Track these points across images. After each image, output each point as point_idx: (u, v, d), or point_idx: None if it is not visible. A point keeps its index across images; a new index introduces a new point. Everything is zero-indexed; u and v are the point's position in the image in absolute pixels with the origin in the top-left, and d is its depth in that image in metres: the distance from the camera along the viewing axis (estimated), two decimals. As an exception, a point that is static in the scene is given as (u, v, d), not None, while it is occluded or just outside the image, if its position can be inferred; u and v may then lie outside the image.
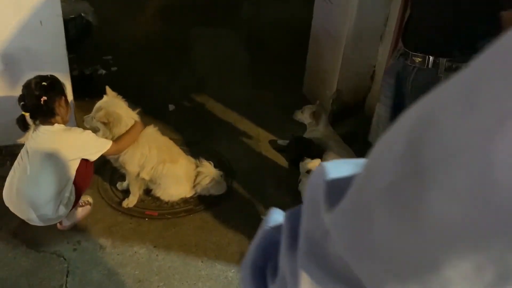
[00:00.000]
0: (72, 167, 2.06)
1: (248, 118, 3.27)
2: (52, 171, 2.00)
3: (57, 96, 2.03)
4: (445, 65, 1.65)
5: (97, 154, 2.09)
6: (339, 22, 2.96)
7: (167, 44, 4.33)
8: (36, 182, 2.02)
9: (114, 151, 2.15)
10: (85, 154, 2.07)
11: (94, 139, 2.08)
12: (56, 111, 2.03)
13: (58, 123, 2.04)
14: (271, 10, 5.31)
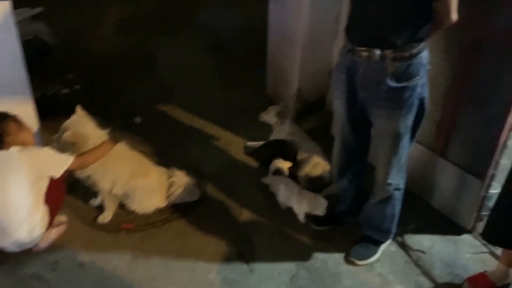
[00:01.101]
0: (40, 186, 2.07)
1: (215, 122, 3.33)
2: (19, 193, 2.01)
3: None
4: (391, 56, 1.77)
5: (60, 170, 2.08)
6: (294, 23, 3.07)
7: (128, 56, 4.33)
8: (5, 206, 2.01)
9: (77, 166, 2.16)
10: (48, 171, 2.07)
11: (54, 155, 2.09)
12: (4, 139, 2.03)
13: (15, 145, 2.04)
14: (228, 15, 5.39)
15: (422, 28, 1.76)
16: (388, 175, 2.03)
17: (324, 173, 2.63)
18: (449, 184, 2.40)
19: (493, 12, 1.99)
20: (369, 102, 1.92)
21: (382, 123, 1.94)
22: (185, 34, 4.86)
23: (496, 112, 2.08)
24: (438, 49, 2.22)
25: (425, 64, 1.83)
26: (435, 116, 2.33)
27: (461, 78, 2.20)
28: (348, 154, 2.18)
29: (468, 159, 2.30)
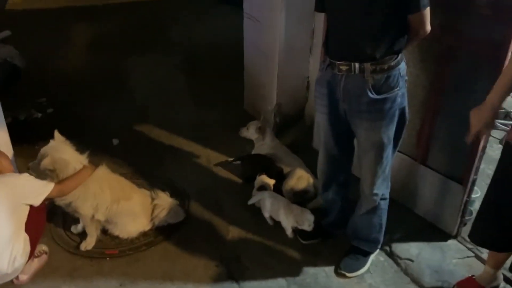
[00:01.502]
0: (19, 214, 1.98)
1: (195, 140, 3.30)
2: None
3: None
4: (370, 69, 1.80)
5: (39, 198, 2.00)
6: (269, 39, 3.10)
7: (101, 77, 4.27)
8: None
9: (58, 193, 2.09)
10: (27, 198, 1.99)
11: (33, 182, 2.01)
12: None
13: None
14: (201, 32, 5.41)
15: (398, 40, 1.80)
16: (373, 185, 2.05)
17: (309, 186, 2.63)
18: (431, 191, 2.44)
19: (465, 22, 2.07)
20: (352, 114, 1.94)
21: (365, 134, 1.96)
22: (159, 52, 4.84)
23: (472, 118, 2.14)
24: (414, 60, 2.28)
25: (403, 75, 1.87)
26: (415, 125, 2.38)
27: (438, 87, 2.25)
28: (333, 166, 2.19)
29: (448, 166, 2.34)
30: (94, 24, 5.64)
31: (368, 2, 1.71)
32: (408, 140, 2.41)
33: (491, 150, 3.08)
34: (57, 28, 5.49)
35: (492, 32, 1.97)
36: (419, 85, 2.31)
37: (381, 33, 1.77)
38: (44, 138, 2.30)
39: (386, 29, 1.77)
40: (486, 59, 2.03)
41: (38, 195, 2.00)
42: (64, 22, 5.70)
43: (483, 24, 2.00)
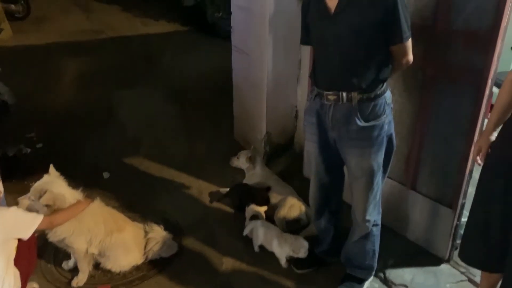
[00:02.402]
0: (8, 249, 1.95)
1: (186, 171, 3.31)
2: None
3: None
4: (357, 98, 1.86)
5: (29, 231, 1.96)
6: (257, 71, 3.17)
7: (91, 111, 4.29)
8: None
9: (47, 226, 2.06)
10: (16, 232, 1.96)
11: (22, 215, 1.98)
12: None
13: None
14: (190, 64, 5.49)
15: (383, 70, 1.87)
16: (365, 212, 2.07)
17: (301, 215, 2.64)
18: (422, 216, 2.48)
19: (446, 51, 2.15)
20: (341, 142, 1.98)
21: (355, 161, 2.00)
22: (149, 84, 4.90)
23: (458, 143, 2.20)
24: (399, 88, 2.36)
25: (389, 103, 1.94)
26: (403, 151, 2.43)
27: (423, 114, 2.32)
28: (325, 194, 2.21)
29: (438, 190, 2.39)
30: (83, 59, 5.70)
31: (353, 36, 1.78)
32: (397, 166, 2.46)
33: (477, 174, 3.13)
34: (46, 64, 5.53)
35: (472, 61, 2.06)
36: (405, 112, 2.38)
37: (367, 64, 1.83)
38: (33, 174, 2.29)
39: (371, 60, 1.83)
40: (467, 87, 2.11)
41: (27, 228, 1.97)
42: (54, 58, 5.75)
43: (463, 53, 2.09)
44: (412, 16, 2.10)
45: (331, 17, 1.81)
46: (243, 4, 3.21)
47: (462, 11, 2.04)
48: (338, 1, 1.77)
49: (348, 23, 1.77)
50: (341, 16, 1.78)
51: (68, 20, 7.63)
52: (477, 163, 1.91)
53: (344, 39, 1.80)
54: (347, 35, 1.79)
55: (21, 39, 6.42)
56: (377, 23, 1.74)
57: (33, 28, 7.04)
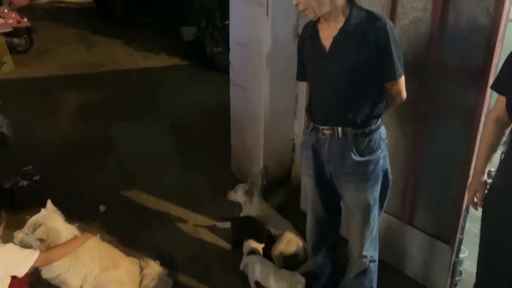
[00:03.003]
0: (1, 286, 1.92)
1: (183, 204, 3.29)
2: None
3: None
4: (352, 133, 1.88)
5: (24, 268, 1.94)
6: (255, 104, 3.21)
7: (89, 144, 4.31)
8: None
9: (43, 262, 2.03)
10: (10, 270, 1.93)
11: (18, 252, 1.96)
12: None
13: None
14: (188, 97, 5.57)
15: (377, 106, 1.90)
16: (362, 247, 2.05)
17: (298, 250, 2.61)
18: (420, 251, 2.45)
19: (439, 87, 2.19)
20: (337, 176, 1.99)
21: (351, 196, 2.00)
22: (147, 117, 4.94)
23: (454, 178, 2.21)
24: (394, 123, 2.39)
25: (384, 138, 1.96)
26: (399, 186, 2.43)
27: (418, 149, 2.34)
28: (322, 229, 2.20)
29: (435, 226, 2.37)
30: (83, 91, 5.78)
31: (347, 73, 1.82)
32: (393, 201, 2.45)
33: (475, 208, 3.13)
34: (46, 96, 5.60)
35: (465, 97, 2.09)
36: (400, 147, 2.40)
37: (361, 100, 1.86)
38: (29, 207, 2.28)
39: (365, 96, 1.86)
40: (461, 122, 2.13)
41: (23, 265, 1.95)
42: (54, 90, 5.83)
43: (456, 89, 2.13)
44: (405, 54, 2.16)
45: (325, 55, 1.85)
46: (241, 41, 3.28)
47: (454, 48, 2.10)
48: (332, 40, 1.82)
49: (341, 61, 1.82)
50: (335, 54, 1.82)
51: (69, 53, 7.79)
52: (475, 207, 1.87)
53: (338, 76, 1.84)
54: (341, 72, 1.83)
55: (23, 72, 6.53)
56: (370, 61, 1.78)
57: (34, 61, 7.18)
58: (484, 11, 1.94)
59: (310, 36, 1.92)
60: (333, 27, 1.82)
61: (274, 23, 2.92)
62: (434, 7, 2.11)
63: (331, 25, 1.83)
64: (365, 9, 1.83)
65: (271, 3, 2.86)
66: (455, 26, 2.07)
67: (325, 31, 1.86)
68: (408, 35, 2.24)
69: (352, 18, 1.78)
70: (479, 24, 1.98)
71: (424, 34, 2.19)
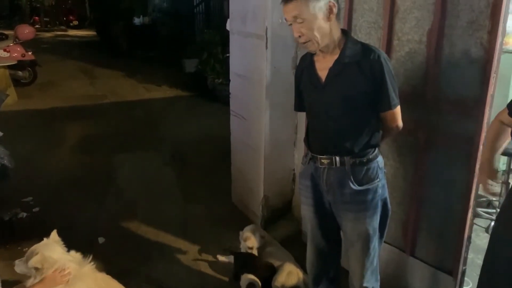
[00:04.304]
0: None
1: (183, 236, 3.26)
2: None
3: None
4: (350, 162, 1.88)
5: None
6: (255, 135, 3.23)
7: (90, 175, 4.31)
8: None
9: None
10: None
11: None
12: None
13: None
14: (189, 128, 5.61)
15: (374, 135, 1.91)
16: (363, 278, 2.02)
17: (299, 282, 2.57)
18: (422, 283, 2.41)
19: (437, 117, 2.21)
20: (336, 206, 1.98)
21: (351, 225, 1.98)
22: (146, 149, 4.97)
23: (455, 208, 2.19)
24: (393, 153, 2.40)
25: (381, 167, 1.96)
26: (400, 216, 2.42)
27: (417, 178, 2.34)
28: (322, 260, 2.17)
29: (437, 257, 2.34)
30: (85, 123, 5.84)
31: (343, 104, 1.84)
32: (395, 232, 2.43)
33: (478, 239, 3.10)
34: (49, 128, 5.65)
35: (462, 127, 2.11)
36: (399, 177, 2.40)
37: (357, 130, 1.88)
38: (28, 238, 2.27)
39: (362, 126, 1.88)
40: (460, 152, 2.14)
41: None
42: (56, 122, 5.90)
43: (453, 119, 2.14)
44: (402, 85, 2.20)
45: (321, 86, 1.88)
46: (241, 72, 3.34)
47: (450, 79, 2.13)
48: (328, 72, 1.85)
49: (337, 92, 1.84)
50: (331, 85, 1.85)
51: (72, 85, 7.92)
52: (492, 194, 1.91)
53: (334, 107, 1.86)
54: (337, 103, 1.85)
55: (26, 104, 6.62)
56: (366, 91, 1.81)
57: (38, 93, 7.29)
58: (478, 43, 1.99)
59: (306, 68, 1.96)
60: (329, 59, 1.86)
61: (274, 55, 2.98)
62: (429, 39, 2.16)
63: (327, 57, 1.87)
64: (360, 42, 1.88)
65: (270, 36, 2.93)
66: (450, 58, 2.11)
67: (321, 63, 1.89)
68: (405, 67, 2.28)
69: (347, 50, 1.82)
70: (474, 56, 2.02)
71: (420, 66, 2.23)
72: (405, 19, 2.25)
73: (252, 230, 2.93)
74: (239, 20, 3.27)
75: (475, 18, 1.99)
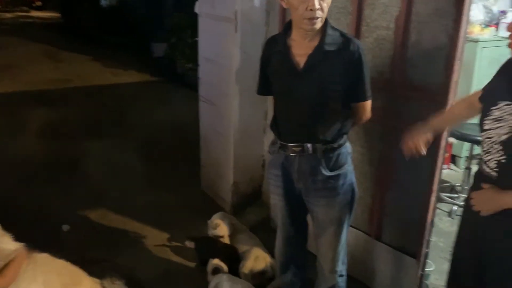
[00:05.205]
0: None
1: (151, 224, 3.22)
2: None
3: None
4: (322, 149, 1.88)
5: None
6: (225, 121, 3.20)
7: (55, 162, 4.18)
8: None
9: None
10: None
11: None
12: None
13: None
14: (159, 115, 5.51)
15: (346, 123, 1.92)
16: (334, 262, 2.05)
17: (267, 267, 2.59)
18: (387, 266, 2.47)
19: (403, 105, 2.24)
20: (308, 193, 1.98)
21: (322, 212, 1.99)
22: (116, 135, 4.85)
23: (419, 192, 2.24)
24: (359, 139, 2.42)
25: (350, 152, 1.98)
26: (366, 201, 2.45)
27: (384, 164, 2.37)
28: (291, 247, 2.18)
29: (401, 240, 2.40)
30: (50, 109, 5.64)
31: (320, 92, 1.82)
32: (361, 216, 2.47)
33: (440, 223, 3.20)
34: (11, 113, 5.43)
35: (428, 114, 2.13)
36: (366, 162, 2.43)
37: (331, 119, 1.87)
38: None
39: (336, 115, 1.88)
40: (424, 138, 2.18)
41: None
42: (20, 107, 5.67)
43: (419, 106, 2.18)
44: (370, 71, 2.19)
45: (298, 73, 1.83)
46: (210, 57, 3.29)
47: (416, 67, 2.16)
48: (307, 58, 1.80)
49: (316, 81, 1.81)
50: (309, 73, 1.81)
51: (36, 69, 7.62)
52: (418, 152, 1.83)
53: (311, 95, 1.83)
54: (315, 91, 1.82)
55: (-14, 87, 6.32)
56: (344, 81, 1.80)
57: (-2, 77, 6.97)
58: (444, 31, 2.02)
59: (279, 53, 1.89)
60: (307, 45, 1.81)
61: (243, 40, 2.94)
62: (396, 26, 2.17)
63: (305, 43, 1.82)
64: (338, 29, 1.85)
65: (240, 20, 2.88)
66: (416, 44, 2.14)
67: (298, 49, 1.84)
68: (373, 53, 2.29)
69: (327, 37, 1.79)
70: (439, 43, 2.04)
71: (388, 52, 2.24)
72: (374, 5, 2.25)
73: (221, 218, 2.93)
74: (208, 2, 3.21)
75: (441, 5, 2.01)
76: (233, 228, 2.91)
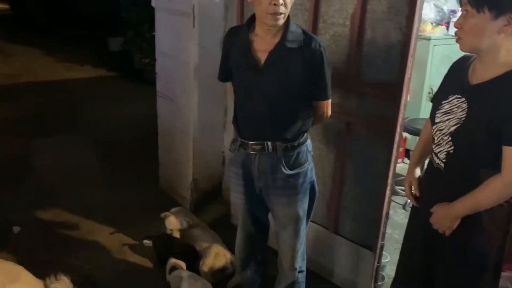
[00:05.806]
0: None
1: (107, 224, 3.12)
2: None
3: None
4: (282, 147, 1.88)
5: None
6: (183, 117, 3.15)
7: (3, 161, 3.97)
8: None
9: None
10: None
11: None
12: None
13: None
14: (114, 110, 5.36)
15: (306, 121, 1.93)
16: (294, 259, 2.06)
17: (227, 263, 2.58)
18: (346, 259, 2.52)
19: (359, 101, 2.29)
20: (268, 191, 1.98)
21: (282, 210, 1.99)
22: (69, 132, 4.68)
23: (375, 186, 2.30)
24: (319, 135, 2.45)
25: (310, 150, 1.99)
26: (325, 196, 2.49)
27: (341, 159, 2.41)
28: (252, 244, 2.18)
29: (358, 233, 2.45)
30: None
31: (281, 90, 1.81)
32: (320, 211, 2.51)
33: (395, 215, 3.30)
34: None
35: (383, 110, 2.19)
36: (325, 158, 2.46)
37: (292, 116, 1.88)
38: None
39: (296, 113, 1.88)
40: (380, 133, 2.23)
41: None
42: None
43: (375, 102, 2.23)
44: (327, 68, 2.24)
45: (259, 69, 1.81)
46: (168, 52, 3.22)
47: (371, 64, 2.20)
48: (268, 54, 1.79)
49: (277, 78, 1.80)
50: (270, 69, 1.79)
51: (-18, 63, 7.21)
52: (411, 199, 1.80)
53: (271, 92, 1.82)
54: (275, 89, 1.81)
55: None
56: (305, 79, 1.80)
57: None
58: (397, 28, 2.07)
59: (240, 47, 1.86)
60: (269, 41, 1.80)
61: (201, 35, 2.90)
62: (352, 23, 2.20)
63: (267, 39, 1.80)
64: (300, 26, 1.85)
65: (197, 15, 2.84)
66: (372, 41, 2.18)
67: (260, 44, 1.82)
68: (329, 50, 2.29)
69: (289, 34, 1.78)
70: (393, 40, 2.10)
71: (344, 49, 2.28)
72: (330, 2, 2.28)
73: (175, 212, 2.89)
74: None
75: (394, 3, 2.06)
76: (188, 224, 2.87)
